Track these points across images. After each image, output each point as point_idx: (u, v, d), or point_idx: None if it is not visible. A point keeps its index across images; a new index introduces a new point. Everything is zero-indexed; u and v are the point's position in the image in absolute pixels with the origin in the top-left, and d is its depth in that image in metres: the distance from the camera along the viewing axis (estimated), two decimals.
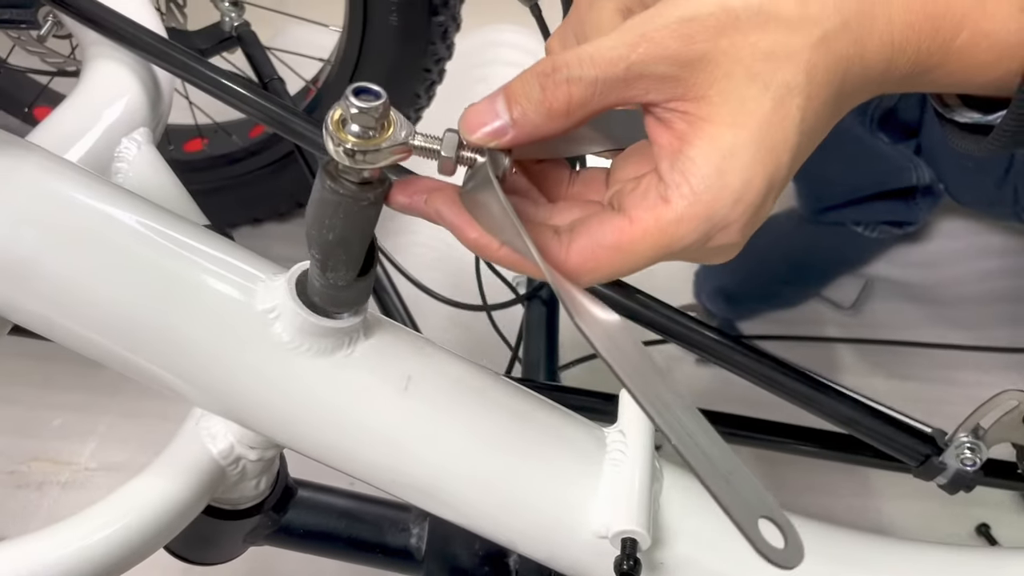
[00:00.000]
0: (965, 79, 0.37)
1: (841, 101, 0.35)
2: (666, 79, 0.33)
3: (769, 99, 0.33)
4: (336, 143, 0.34)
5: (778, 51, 0.33)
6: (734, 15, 0.33)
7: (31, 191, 0.43)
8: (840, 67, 0.34)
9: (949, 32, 0.35)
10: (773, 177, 0.34)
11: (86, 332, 0.44)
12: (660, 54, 0.33)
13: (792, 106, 0.33)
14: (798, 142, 0.34)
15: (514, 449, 0.47)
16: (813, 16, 0.33)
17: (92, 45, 0.72)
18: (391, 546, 0.58)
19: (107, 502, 0.47)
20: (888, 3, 0.34)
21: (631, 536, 0.45)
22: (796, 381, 0.57)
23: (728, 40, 0.33)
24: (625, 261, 0.35)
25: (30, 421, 1.02)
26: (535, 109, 0.34)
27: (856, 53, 0.34)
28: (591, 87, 0.33)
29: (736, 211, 0.34)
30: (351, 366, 0.45)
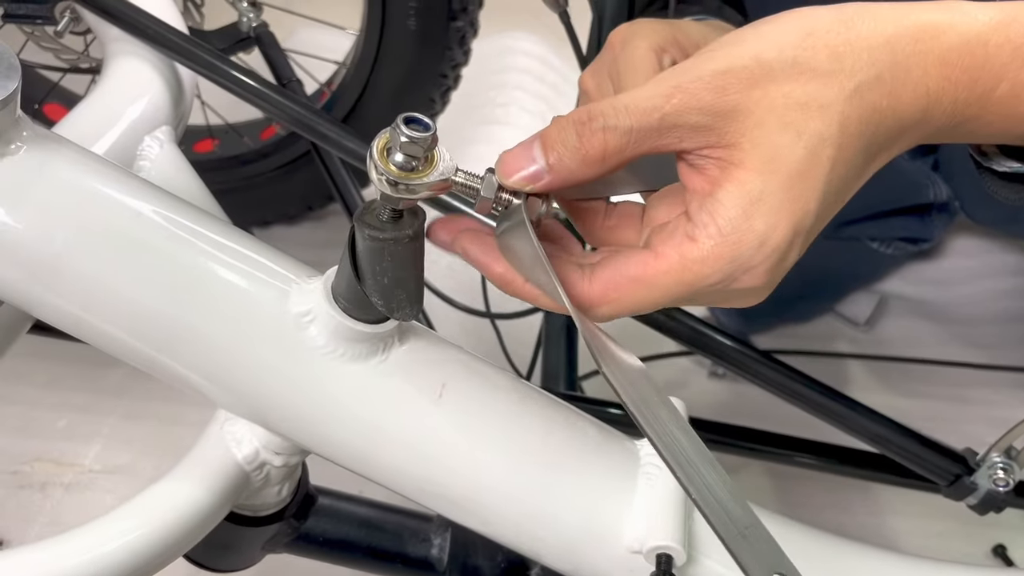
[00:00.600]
0: (1004, 129, 0.36)
1: (873, 152, 0.36)
2: (699, 128, 0.34)
3: (801, 147, 0.34)
4: (379, 172, 0.35)
5: (811, 102, 0.34)
6: (767, 67, 0.34)
7: (63, 186, 0.42)
8: (874, 119, 0.34)
9: (988, 84, 0.35)
10: (799, 224, 0.34)
11: (114, 330, 0.43)
12: (694, 105, 0.34)
13: (823, 156, 0.34)
14: (826, 191, 0.34)
15: (547, 460, 0.46)
16: (847, 68, 0.34)
17: (114, 42, 0.71)
18: (412, 556, 0.57)
19: (129, 506, 0.46)
20: (924, 55, 0.34)
21: (667, 552, 0.44)
22: (826, 398, 0.56)
23: (761, 91, 0.34)
24: (647, 295, 0.35)
25: (34, 421, 1.01)
26: (571, 156, 0.35)
27: (890, 105, 0.35)
28: (626, 136, 0.34)
29: (761, 254, 0.34)
30: (385, 372, 0.44)
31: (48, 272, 0.42)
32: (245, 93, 0.66)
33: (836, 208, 0.36)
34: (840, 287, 1.13)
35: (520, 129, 1.38)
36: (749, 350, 0.57)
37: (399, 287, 0.39)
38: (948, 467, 0.58)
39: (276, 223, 1.25)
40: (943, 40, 0.34)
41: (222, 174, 1.18)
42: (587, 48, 0.72)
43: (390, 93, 1.07)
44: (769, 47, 0.34)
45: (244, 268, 0.44)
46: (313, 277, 0.45)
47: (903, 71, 0.34)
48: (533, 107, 1.42)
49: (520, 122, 1.39)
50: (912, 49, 0.34)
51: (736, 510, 0.33)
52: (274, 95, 0.67)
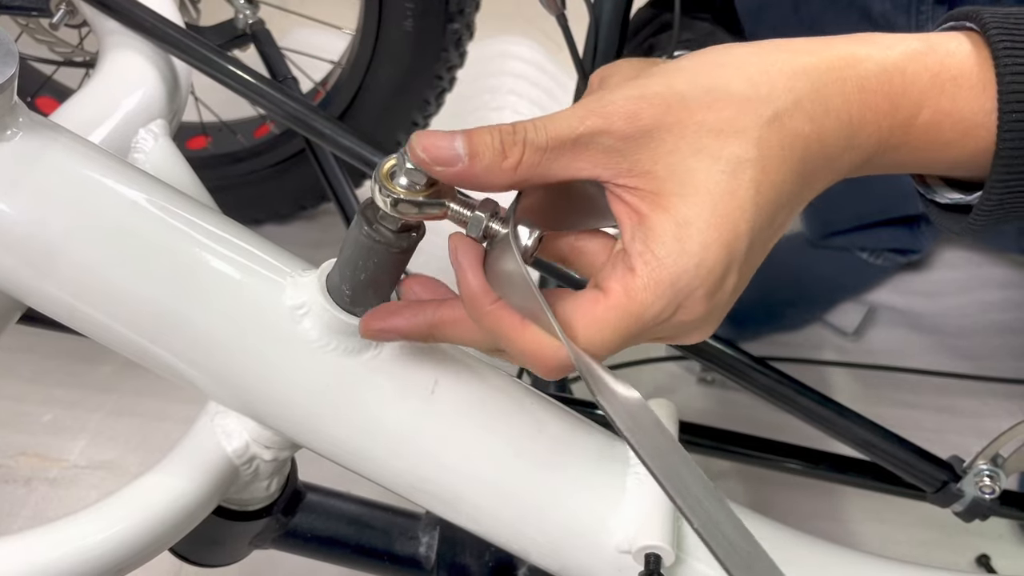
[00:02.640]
0: (934, 157, 0.37)
1: (806, 178, 0.36)
2: (611, 153, 0.35)
3: (719, 171, 0.34)
4: (384, 192, 0.36)
5: (727, 128, 0.34)
6: (681, 95, 0.35)
7: (58, 173, 0.42)
8: (797, 144, 0.35)
9: (908, 110, 0.36)
10: (732, 246, 0.35)
11: (107, 320, 0.43)
12: (605, 129, 0.34)
13: (745, 178, 0.34)
14: (756, 213, 0.35)
15: (538, 459, 0.46)
16: (764, 95, 0.35)
17: (110, 34, 0.71)
18: (399, 554, 0.56)
19: (116, 498, 0.46)
20: (843, 83, 0.35)
21: (656, 552, 0.45)
22: (816, 403, 0.57)
23: (674, 118, 0.34)
24: (599, 335, 0.36)
25: (19, 415, 1.00)
26: (490, 156, 0.35)
27: (813, 131, 0.35)
28: (540, 152, 0.35)
29: (698, 277, 0.34)
30: (378, 367, 0.44)
31: (41, 259, 0.41)
32: (241, 88, 0.66)
33: (773, 233, 0.37)
34: (829, 297, 1.14)
35: None
36: (740, 355, 0.57)
37: (371, 287, 0.41)
38: (935, 474, 0.58)
39: (268, 222, 1.24)
40: (860, 68, 0.35)
41: (215, 171, 1.17)
42: (583, 52, 0.72)
43: (385, 93, 1.07)
44: (684, 77, 0.35)
45: (239, 260, 0.44)
46: (308, 270, 0.45)
47: (823, 98, 0.35)
48: (527, 111, 1.42)
49: None
50: (831, 77, 0.35)
51: (740, 540, 0.33)
52: (270, 91, 0.67)
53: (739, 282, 0.36)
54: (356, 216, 0.39)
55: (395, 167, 0.37)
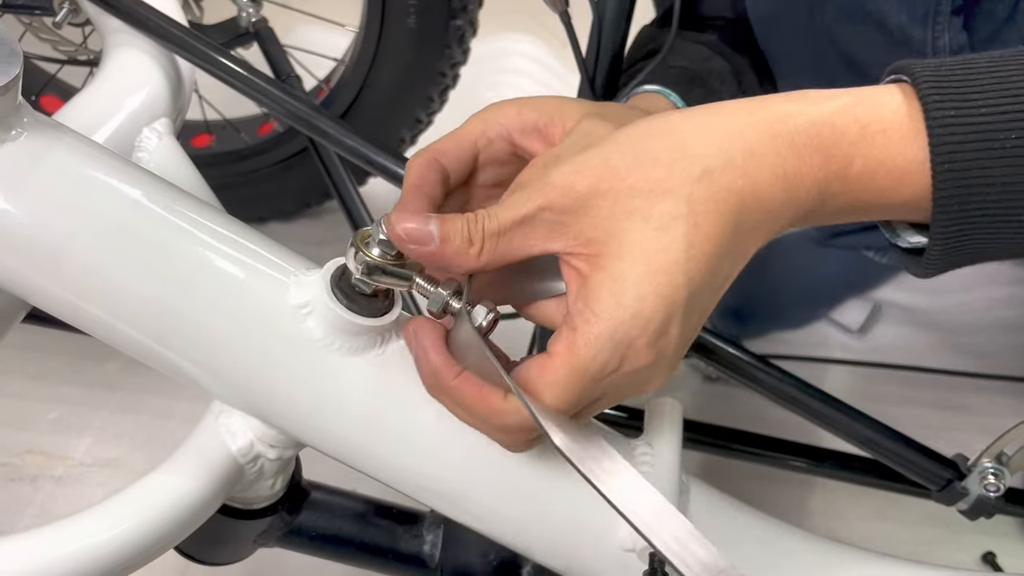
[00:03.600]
0: (875, 202, 0.38)
1: (745, 230, 0.37)
2: (555, 226, 0.37)
3: (651, 229, 0.36)
4: (357, 260, 0.40)
5: (656, 188, 0.36)
6: (611, 164, 0.37)
7: (63, 173, 0.42)
8: (731, 198, 0.37)
9: (841, 161, 0.37)
10: (670, 297, 0.36)
11: (111, 319, 0.43)
12: (546, 205, 0.37)
13: (677, 233, 0.36)
14: (689, 266, 0.36)
15: (541, 457, 0.46)
16: (692, 155, 0.37)
17: (113, 33, 0.71)
18: (404, 552, 0.56)
19: (122, 496, 0.46)
20: (776, 139, 0.37)
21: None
22: (822, 403, 0.56)
23: (607, 184, 0.36)
24: (551, 394, 0.37)
25: (25, 414, 1.00)
26: (459, 242, 0.38)
27: (747, 186, 0.37)
28: (495, 238, 0.38)
29: (636, 327, 0.36)
30: (383, 366, 0.44)
31: (46, 259, 0.41)
32: (244, 87, 0.66)
33: (719, 282, 0.38)
34: (834, 294, 1.14)
35: None
36: (744, 353, 0.57)
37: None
38: (939, 472, 0.58)
39: (272, 220, 1.25)
40: (791, 124, 0.37)
41: (219, 170, 1.17)
42: (587, 50, 0.72)
43: (389, 91, 1.07)
44: (616, 147, 0.37)
45: (243, 259, 0.44)
46: (312, 269, 0.45)
47: (758, 155, 0.37)
48: None
49: None
50: (765, 136, 0.37)
51: (709, 557, 0.35)
52: (273, 89, 0.67)
53: (684, 331, 0.37)
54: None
55: (370, 237, 0.40)
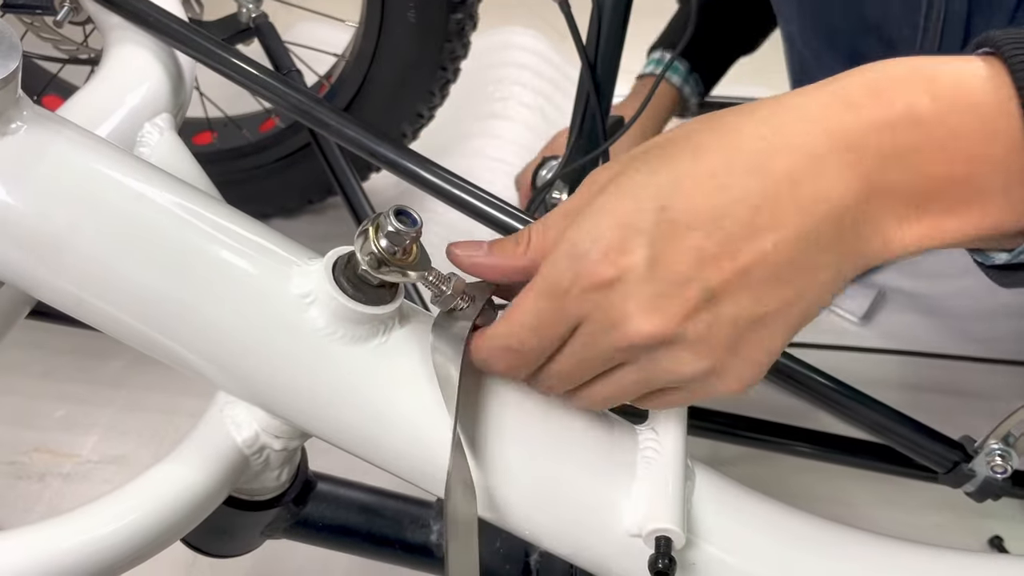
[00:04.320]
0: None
1: (770, 174, 0.36)
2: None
3: (641, 163, 0.37)
4: (364, 251, 0.41)
5: (676, 135, 0.38)
6: (654, 140, 0.39)
7: (64, 166, 0.42)
8: (744, 143, 0.37)
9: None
10: (631, 215, 0.36)
11: (115, 311, 0.43)
12: (589, 182, 0.41)
13: (665, 163, 0.37)
14: (669, 192, 0.36)
15: (547, 444, 0.46)
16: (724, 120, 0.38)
17: (113, 29, 0.71)
18: (411, 542, 0.57)
19: (127, 489, 0.46)
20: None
21: (666, 535, 0.44)
22: (829, 387, 0.56)
23: (637, 150, 0.39)
24: (517, 313, 0.40)
25: (32, 412, 1.00)
26: (508, 243, 0.42)
27: (773, 134, 0.37)
28: (540, 232, 0.41)
29: (587, 237, 0.37)
30: (386, 354, 0.44)
31: (49, 252, 0.42)
32: (246, 81, 0.66)
33: (729, 229, 0.35)
34: None
35: (518, 123, 1.37)
36: None
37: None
38: (946, 454, 0.58)
39: (275, 216, 1.25)
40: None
41: (221, 166, 1.17)
42: (587, 39, 0.72)
43: (390, 85, 1.07)
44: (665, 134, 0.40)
45: (245, 249, 0.44)
46: (315, 259, 0.45)
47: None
48: (531, 101, 1.42)
49: (518, 116, 1.38)
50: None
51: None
52: (275, 83, 0.67)
53: (653, 256, 0.36)
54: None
55: (378, 228, 0.41)
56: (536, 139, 1.34)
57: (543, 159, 0.93)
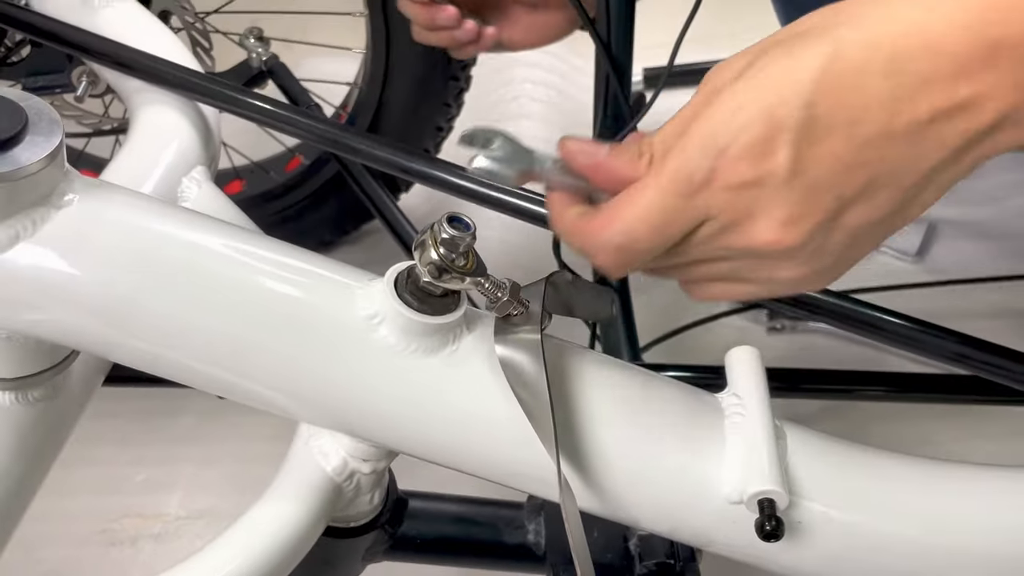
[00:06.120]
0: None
1: (911, 80, 0.33)
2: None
3: (783, 54, 0.35)
4: (425, 259, 0.40)
5: (810, 28, 0.35)
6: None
7: (120, 230, 0.43)
8: (892, 41, 0.34)
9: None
10: (776, 113, 0.34)
11: (191, 362, 0.44)
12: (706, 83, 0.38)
13: (809, 57, 0.34)
14: (814, 90, 0.33)
15: (635, 425, 0.46)
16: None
17: (135, 93, 0.72)
18: (509, 544, 0.57)
19: (228, 536, 0.47)
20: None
21: (768, 496, 0.44)
22: (907, 327, 0.55)
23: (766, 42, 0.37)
24: (638, 216, 0.37)
25: (114, 478, 1.02)
26: (630, 152, 0.39)
27: (916, 30, 0.34)
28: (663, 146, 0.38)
29: (728, 132, 0.34)
30: (459, 361, 0.44)
31: (119, 315, 0.42)
32: (273, 121, 0.67)
33: (864, 134, 0.33)
34: None
35: (535, 119, 1.38)
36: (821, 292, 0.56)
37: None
38: None
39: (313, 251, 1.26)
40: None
41: (254, 212, 1.16)
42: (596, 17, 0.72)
43: (406, 104, 1.08)
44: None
45: (305, 281, 0.44)
46: (374, 280, 0.45)
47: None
48: (543, 95, 1.42)
49: (533, 111, 1.39)
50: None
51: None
52: (300, 118, 0.67)
53: (796, 160, 0.34)
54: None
55: (436, 235, 0.40)
56: (555, 132, 1.35)
57: None
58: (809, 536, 0.46)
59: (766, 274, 0.38)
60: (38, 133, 0.40)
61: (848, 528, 0.46)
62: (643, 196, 0.36)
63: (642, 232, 0.37)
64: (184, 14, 0.93)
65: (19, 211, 0.40)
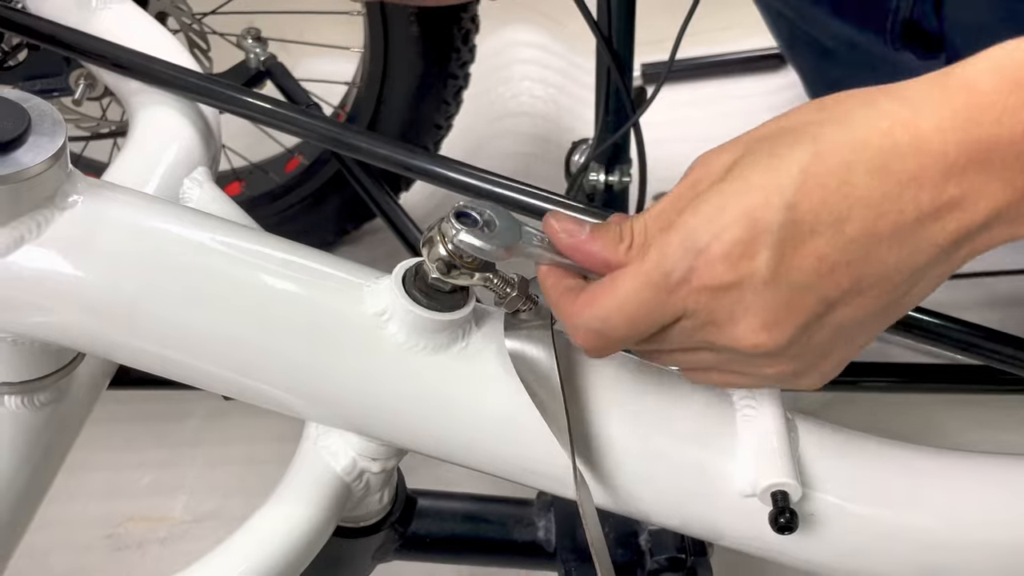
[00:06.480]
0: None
1: (894, 178, 0.33)
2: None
3: (764, 156, 0.35)
4: (433, 255, 0.40)
5: (787, 127, 0.36)
6: (753, 132, 0.36)
7: (126, 230, 0.42)
8: (873, 139, 0.34)
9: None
10: (757, 214, 0.33)
11: (198, 363, 0.44)
12: (692, 181, 0.37)
13: (790, 158, 0.34)
14: (795, 192, 0.33)
15: (647, 420, 0.46)
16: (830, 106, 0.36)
17: (135, 95, 0.72)
18: (520, 542, 0.56)
19: (237, 538, 0.46)
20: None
21: (782, 488, 0.44)
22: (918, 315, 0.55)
23: (746, 137, 0.37)
24: (616, 304, 0.37)
25: (119, 483, 1.02)
26: (610, 235, 0.39)
27: (900, 127, 0.34)
28: (643, 233, 0.38)
29: (708, 231, 0.34)
30: (470, 357, 0.44)
31: (126, 316, 0.42)
32: (274, 121, 0.67)
33: (849, 235, 0.33)
34: None
35: (534, 116, 1.38)
36: None
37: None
38: None
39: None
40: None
41: (255, 214, 1.16)
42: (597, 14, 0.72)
43: (405, 102, 1.08)
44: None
45: (313, 280, 0.44)
46: (382, 277, 0.45)
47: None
48: (543, 93, 1.42)
49: (533, 109, 1.39)
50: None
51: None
52: (301, 117, 0.67)
53: (777, 262, 0.34)
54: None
55: (443, 231, 0.40)
56: (554, 128, 1.34)
57: (572, 144, 0.92)
58: (821, 528, 0.46)
59: (752, 370, 0.38)
60: (41, 134, 0.39)
61: (861, 519, 0.46)
62: (623, 285, 0.36)
63: (618, 321, 0.37)
64: (181, 15, 0.92)
65: (23, 213, 0.40)
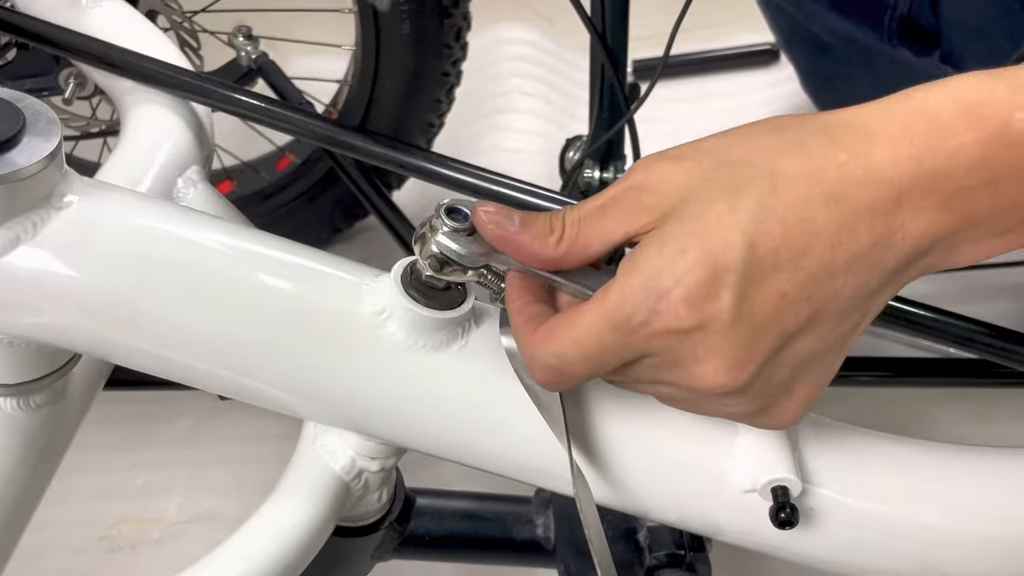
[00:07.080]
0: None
1: (852, 211, 0.34)
2: (635, 206, 0.36)
3: (722, 191, 0.34)
4: (425, 253, 0.39)
5: (744, 158, 0.35)
6: (702, 144, 0.36)
7: (121, 230, 0.42)
8: (829, 170, 0.34)
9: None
10: (718, 255, 0.33)
11: (196, 362, 0.43)
12: (630, 185, 0.37)
13: (748, 194, 0.34)
14: (755, 229, 0.33)
15: (645, 415, 0.46)
16: (786, 132, 0.36)
17: (127, 94, 0.71)
18: (519, 540, 0.56)
19: (238, 538, 0.46)
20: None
21: (782, 484, 0.44)
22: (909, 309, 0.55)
23: (692, 155, 0.36)
24: (573, 338, 0.36)
25: (112, 484, 1.01)
26: (539, 228, 0.38)
27: (854, 160, 0.34)
28: (575, 224, 0.37)
29: (671, 276, 0.33)
30: (469, 356, 0.44)
31: (123, 316, 0.42)
32: (267, 118, 0.67)
33: (808, 269, 0.34)
34: None
35: (524, 112, 1.37)
36: None
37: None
38: None
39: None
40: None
41: (246, 212, 1.17)
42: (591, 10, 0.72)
43: (397, 101, 1.07)
44: (711, 137, 0.37)
45: (311, 278, 0.44)
46: (380, 276, 0.45)
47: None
48: (533, 89, 1.41)
49: (524, 106, 1.39)
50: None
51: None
52: (296, 115, 0.67)
53: (740, 303, 0.34)
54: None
55: (434, 227, 0.39)
56: (545, 124, 1.34)
57: (567, 141, 0.92)
58: (821, 523, 0.46)
59: (714, 408, 0.38)
60: (36, 134, 0.39)
61: (861, 514, 0.46)
62: (582, 322, 0.36)
63: (576, 358, 0.36)
64: (171, 13, 0.92)
65: (19, 213, 0.40)
